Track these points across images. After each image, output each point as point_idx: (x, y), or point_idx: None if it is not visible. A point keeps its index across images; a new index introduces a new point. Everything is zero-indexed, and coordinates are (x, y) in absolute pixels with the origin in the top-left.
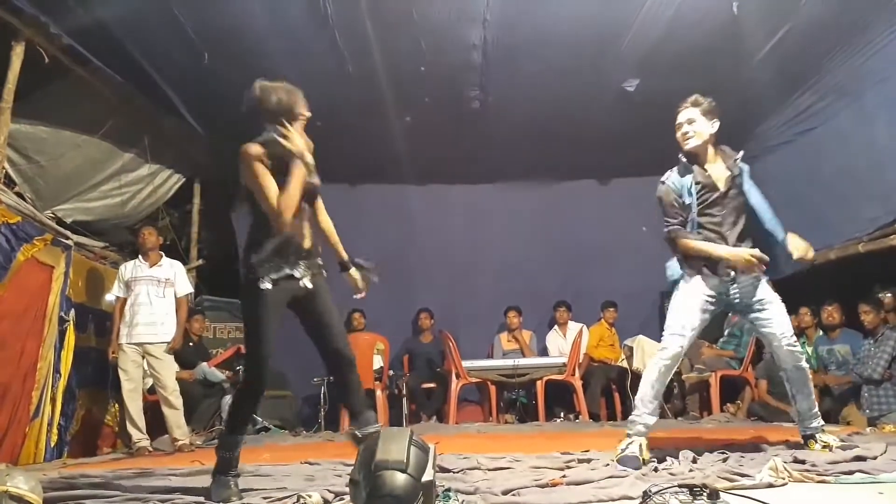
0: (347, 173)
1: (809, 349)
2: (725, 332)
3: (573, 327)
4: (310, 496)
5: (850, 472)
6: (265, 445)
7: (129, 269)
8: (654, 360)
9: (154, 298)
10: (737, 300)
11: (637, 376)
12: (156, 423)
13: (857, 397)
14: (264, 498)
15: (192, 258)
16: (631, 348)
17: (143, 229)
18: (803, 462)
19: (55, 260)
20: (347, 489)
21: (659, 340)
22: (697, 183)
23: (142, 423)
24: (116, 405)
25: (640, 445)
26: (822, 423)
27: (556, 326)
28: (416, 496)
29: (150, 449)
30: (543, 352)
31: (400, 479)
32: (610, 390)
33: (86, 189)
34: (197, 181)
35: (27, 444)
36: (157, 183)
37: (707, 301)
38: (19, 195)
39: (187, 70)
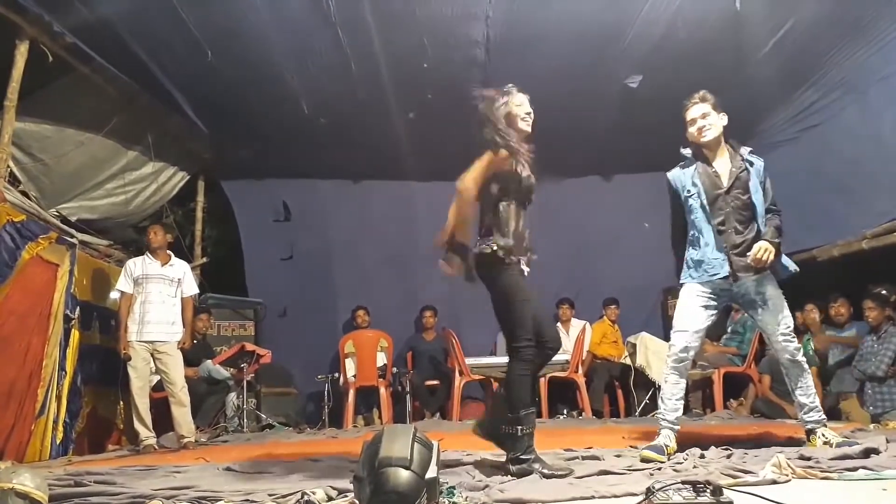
0: (351, 170)
1: (812, 346)
2: (728, 329)
3: (576, 325)
4: (314, 493)
5: (854, 469)
6: (270, 442)
7: (138, 265)
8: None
9: (166, 297)
10: (739, 297)
11: (640, 373)
12: (160, 421)
13: (861, 393)
14: (269, 495)
15: (197, 256)
16: (634, 345)
17: (150, 227)
18: (807, 459)
19: (60, 258)
20: (351, 486)
21: (662, 337)
22: (697, 180)
23: (149, 420)
24: (122, 402)
25: (668, 436)
26: (824, 417)
27: (558, 324)
28: (419, 493)
29: (156, 447)
30: None
31: (403, 475)
32: (613, 387)
33: (90, 187)
34: (201, 179)
35: (33, 441)
36: (161, 181)
37: (707, 298)
38: (24, 193)
39: (191, 68)
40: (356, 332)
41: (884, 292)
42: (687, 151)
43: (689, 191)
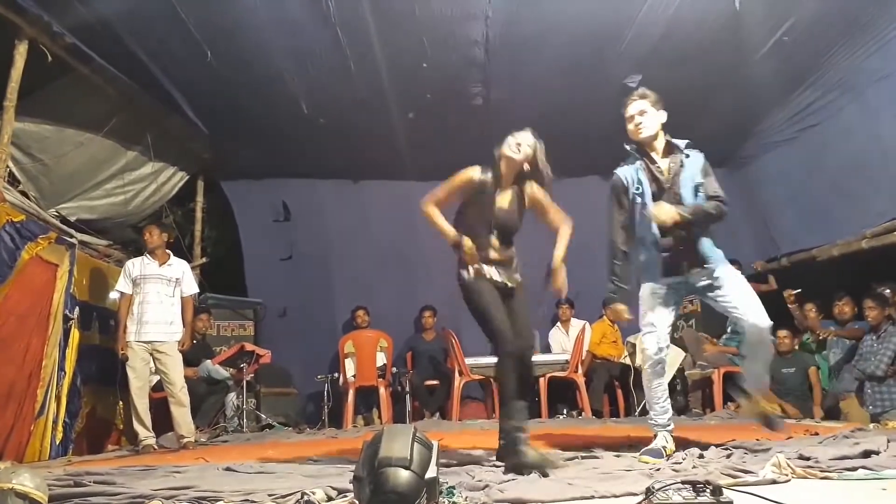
0: (350, 170)
1: (814, 345)
2: (728, 329)
3: (576, 324)
4: (314, 493)
5: (854, 469)
6: (269, 442)
7: (136, 266)
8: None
9: (164, 297)
10: (694, 287)
11: (639, 373)
12: (159, 421)
13: (860, 392)
14: (269, 495)
15: (196, 256)
16: (633, 345)
17: (146, 228)
18: (807, 458)
19: (59, 258)
20: (351, 486)
21: None
22: (641, 177)
23: (148, 420)
24: (122, 402)
25: (665, 438)
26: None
27: (558, 324)
28: (419, 493)
29: (156, 447)
30: (546, 349)
31: (403, 475)
32: (613, 387)
33: (89, 187)
34: (200, 179)
35: (32, 441)
36: (160, 181)
37: (665, 295)
38: (23, 193)
39: (190, 68)
40: (356, 332)
41: (886, 292)
42: (631, 147)
43: (636, 188)
